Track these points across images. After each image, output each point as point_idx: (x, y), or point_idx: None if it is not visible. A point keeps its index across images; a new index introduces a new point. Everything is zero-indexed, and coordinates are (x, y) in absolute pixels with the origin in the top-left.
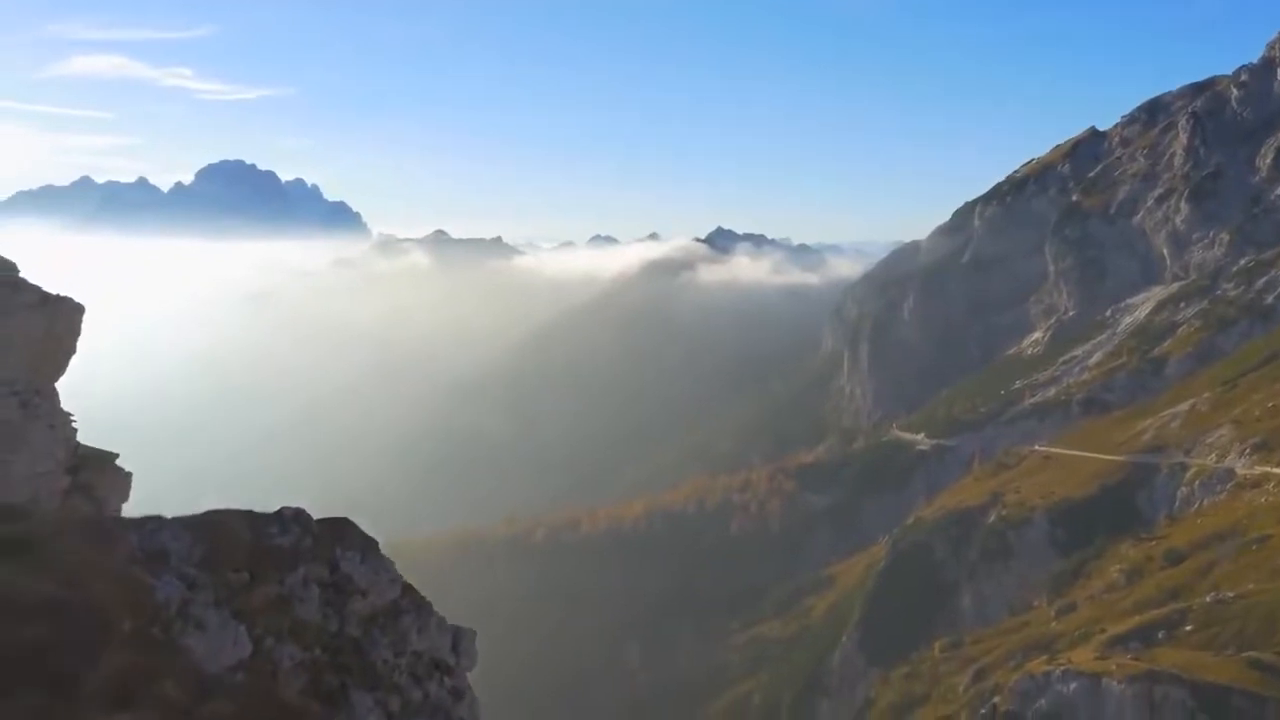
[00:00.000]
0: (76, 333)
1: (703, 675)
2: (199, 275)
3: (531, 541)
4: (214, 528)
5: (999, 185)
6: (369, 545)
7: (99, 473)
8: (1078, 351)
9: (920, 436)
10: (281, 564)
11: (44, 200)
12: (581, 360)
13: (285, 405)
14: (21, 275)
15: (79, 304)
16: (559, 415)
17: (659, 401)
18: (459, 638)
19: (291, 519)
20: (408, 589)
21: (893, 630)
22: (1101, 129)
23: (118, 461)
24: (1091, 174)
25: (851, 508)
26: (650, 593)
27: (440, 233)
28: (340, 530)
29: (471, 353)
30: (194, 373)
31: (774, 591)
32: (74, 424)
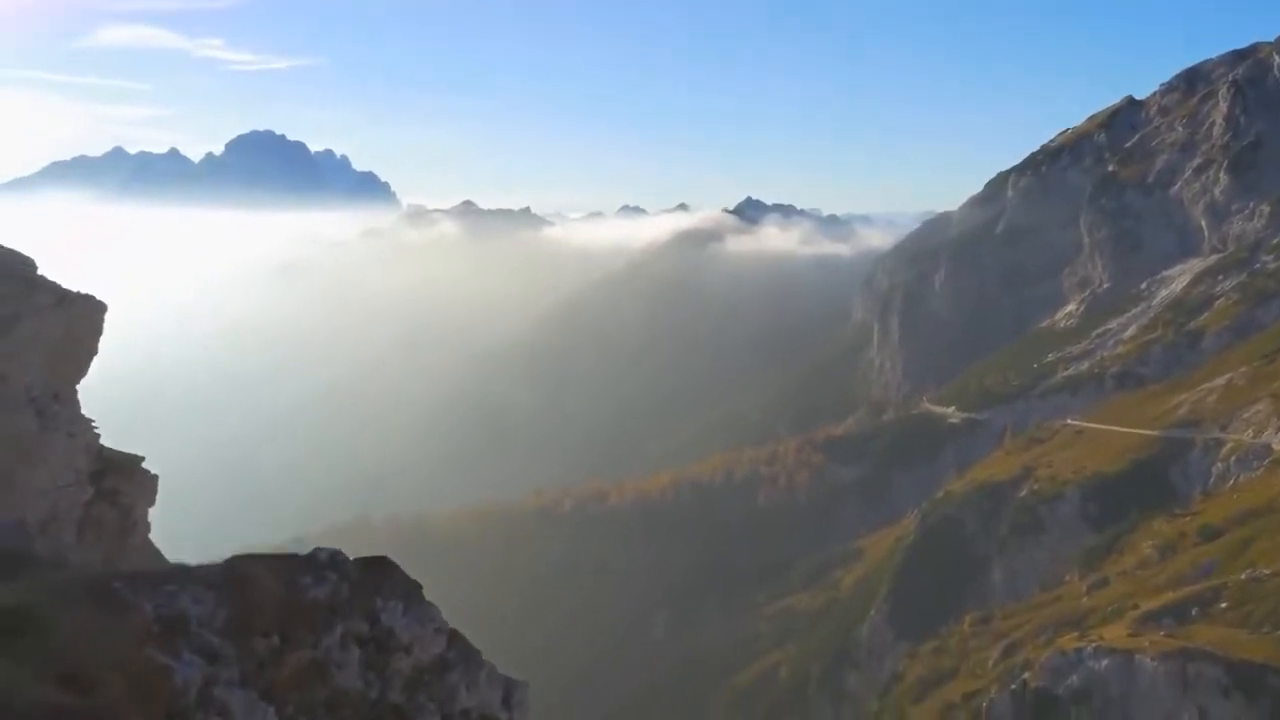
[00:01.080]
0: (98, 332)
1: (730, 647)
2: (229, 246)
3: (559, 513)
4: (241, 583)
5: (1033, 155)
6: (412, 591)
7: (124, 477)
8: (1112, 324)
9: (951, 410)
10: (316, 622)
11: (77, 171)
12: (609, 331)
13: (314, 376)
14: (40, 272)
15: (100, 302)
16: (587, 386)
17: (687, 373)
18: (511, 690)
19: (327, 564)
20: (454, 637)
21: (922, 604)
22: (1139, 98)
23: (143, 464)
24: (1128, 144)
25: (881, 481)
26: (678, 565)
27: (469, 203)
28: (380, 575)
29: (500, 324)
30: (224, 344)
31: (802, 564)
32: (95, 429)
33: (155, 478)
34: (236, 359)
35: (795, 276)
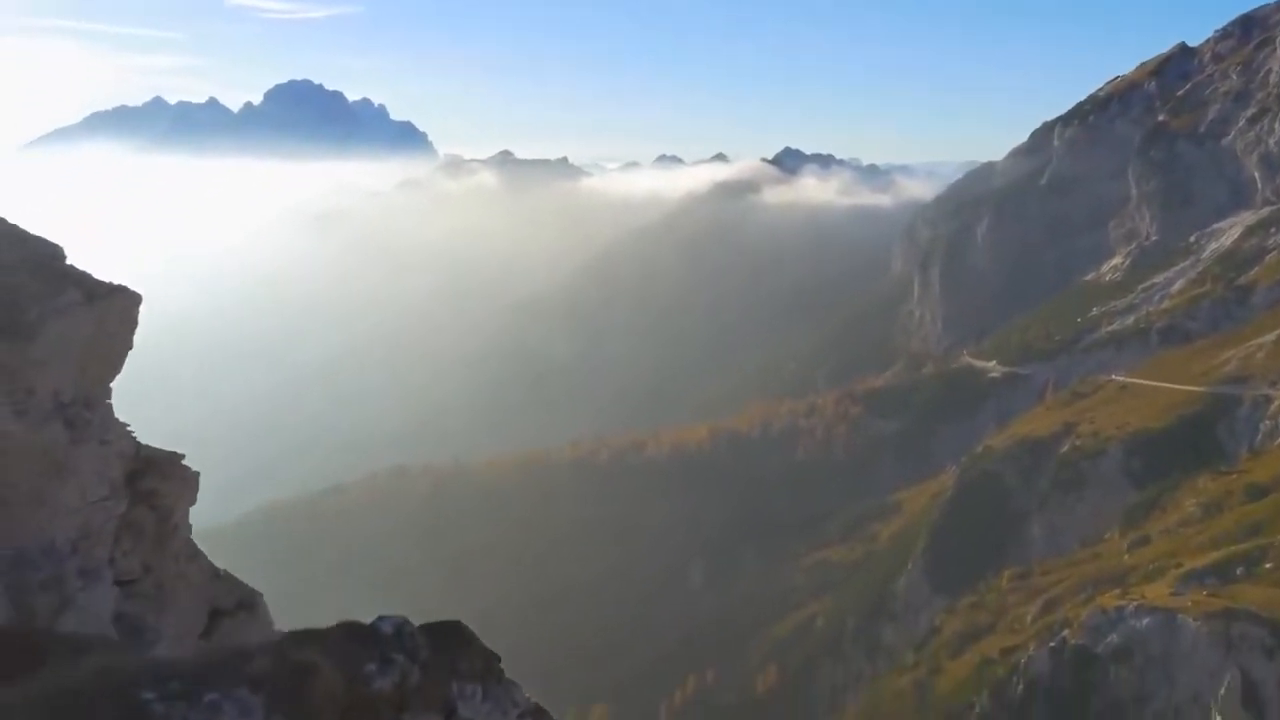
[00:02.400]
0: (132, 326)
1: (766, 598)
2: (267, 196)
3: (596, 464)
4: (294, 680)
5: (1080, 105)
6: (489, 667)
7: (162, 478)
8: (1159, 278)
9: (992, 364)
10: None
11: (118, 121)
12: (647, 282)
13: (352, 326)
14: (69, 262)
15: (134, 293)
16: (624, 337)
17: (724, 324)
18: None
19: (392, 641)
20: (538, 715)
21: (959, 558)
22: (1191, 45)
23: (183, 460)
24: (1180, 93)
25: (920, 435)
26: (714, 516)
27: (506, 153)
28: (454, 651)
29: (537, 274)
30: (262, 294)
31: (839, 517)
32: (130, 431)
33: (196, 475)
34: (274, 309)
35: (834, 227)
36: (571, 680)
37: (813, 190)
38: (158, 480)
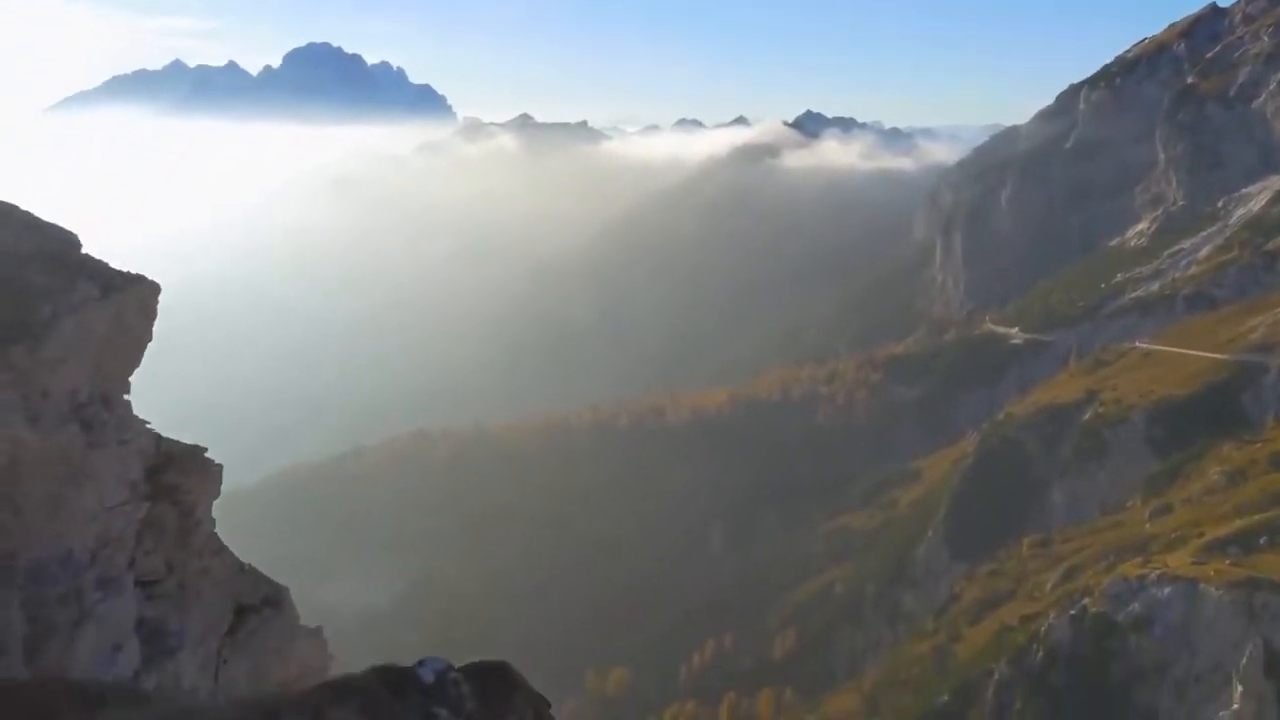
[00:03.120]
0: (151, 318)
1: (786, 564)
2: (286, 160)
3: (616, 428)
4: None
5: (1107, 67)
6: (540, 714)
7: (184, 472)
8: (1185, 244)
9: (1014, 330)
10: None
11: (138, 85)
12: (667, 246)
13: (371, 291)
14: (85, 251)
15: (152, 283)
16: (643, 302)
17: (744, 289)
18: None
19: (434, 692)
20: None
21: (979, 526)
22: (1222, 5)
23: (205, 453)
24: (1209, 55)
25: (941, 401)
26: (734, 482)
27: (525, 116)
28: (501, 697)
29: (556, 238)
30: (282, 258)
31: (859, 483)
32: (149, 426)
33: (219, 468)
34: (293, 273)
35: (855, 191)
36: (590, 643)
37: (834, 154)
38: (179, 475)
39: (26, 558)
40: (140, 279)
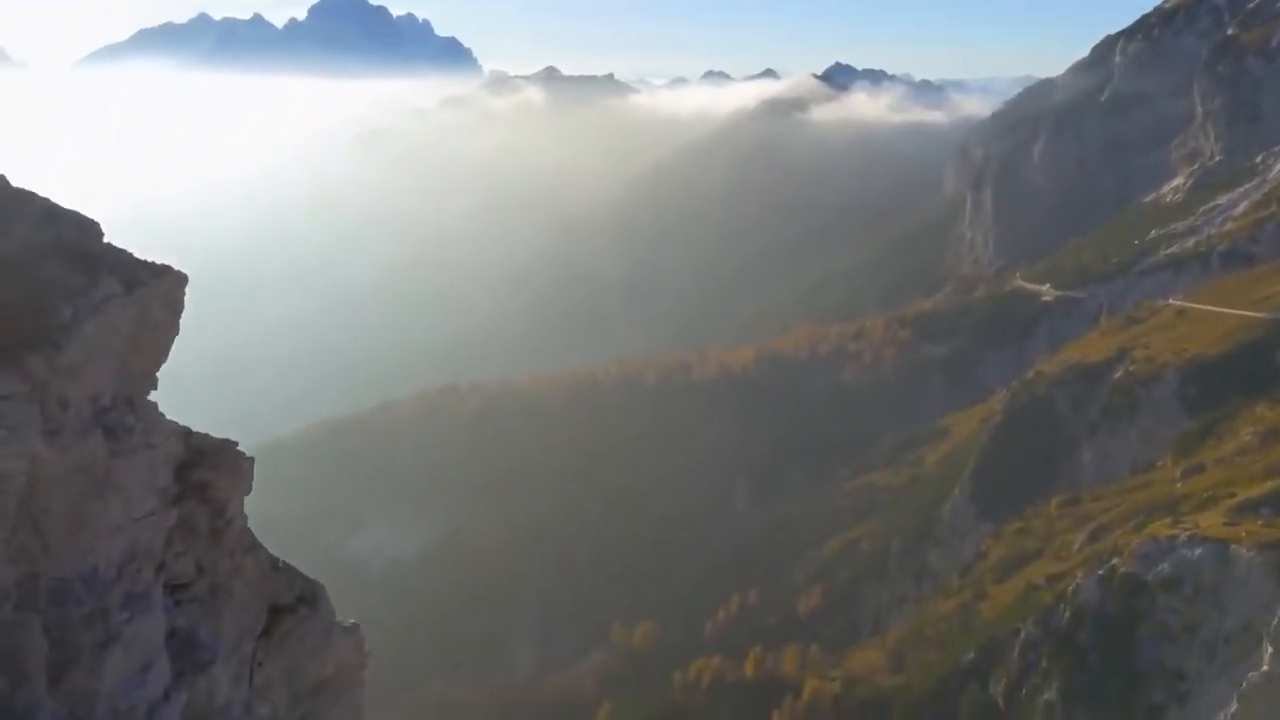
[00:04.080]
0: (178, 311)
1: (811, 520)
2: (311, 114)
3: (643, 384)
4: None
5: (1145, 18)
6: None
7: (214, 469)
8: (1222, 200)
9: (1045, 287)
10: None
11: (164, 38)
12: (694, 201)
13: (397, 245)
14: (106, 240)
15: (179, 274)
16: (670, 257)
17: (772, 243)
18: None
19: None
20: None
21: (1007, 484)
22: None
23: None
24: (1250, 5)
25: (969, 359)
26: (760, 438)
27: (552, 69)
28: None
29: (583, 192)
30: (307, 212)
31: (886, 441)
32: (177, 426)
33: (250, 461)
34: (319, 228)
35: (885, 145)
36: (617, 597)
37: (863, 107)
38: (210, 472)
39: (48, 577)
40: (166, 270)
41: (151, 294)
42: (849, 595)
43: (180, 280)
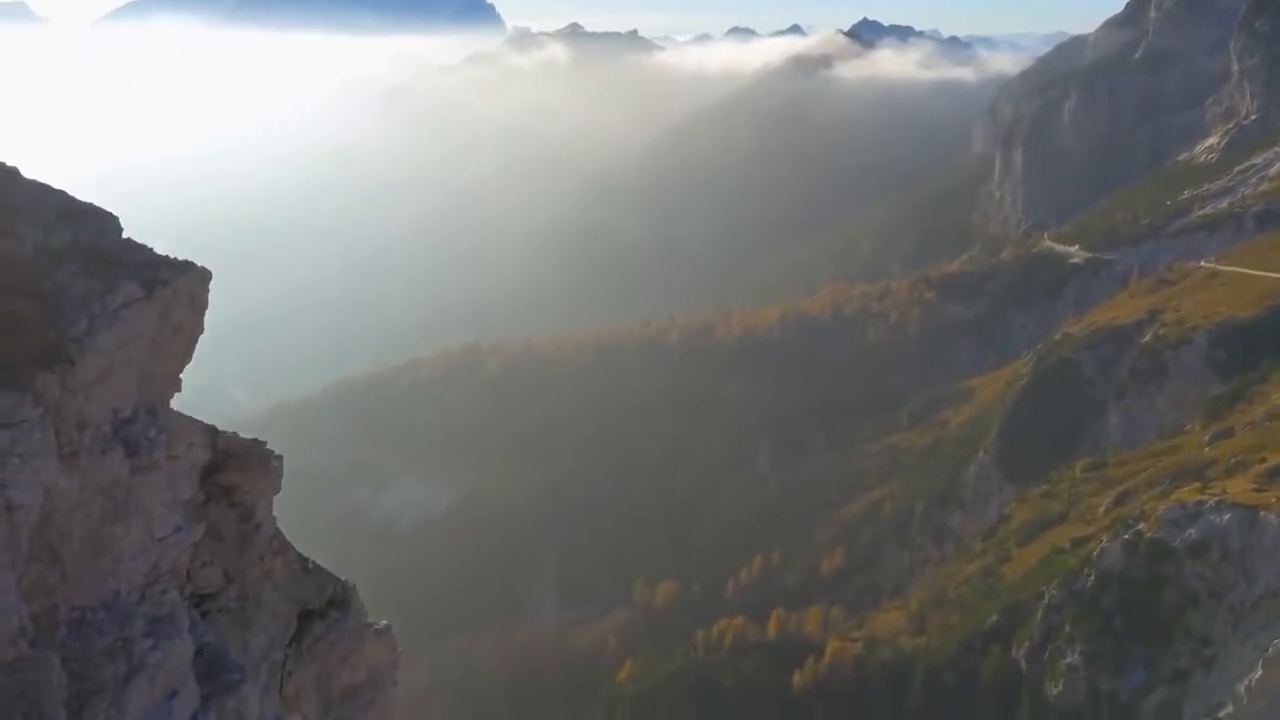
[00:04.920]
0: (201, 309)
1: (834, 481)
2: (334, 71)
3: (666, 345)
4: None
5: None
6: None
7: (243, 470)
8: (1257, 160)
9: (1074, 249)
10: None
11: None
12: (718, 159)
13: (419, 203)
14: (126, 236)
15: (202, 270)
16: (694, 216)
17: (797, 202)
18: None
19: None
20: None
21: (1032, 447)
22: None
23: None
24: None
25: (995, 321)
26: (783, 399)
27: (575, 26)
28: None
29: (607, 151)
30: (329, 170)
31: (910, 402)
32: (201, 427)
33: (280, 461)
34: (341, 186)
35: (912, 103)
36: (638, 557)
37: (890, 64)
38: (237, 474)
39: (67, 606)
40: (189, 267)
41: (173, 295)
42: (871, 557)
43: (203, 277)
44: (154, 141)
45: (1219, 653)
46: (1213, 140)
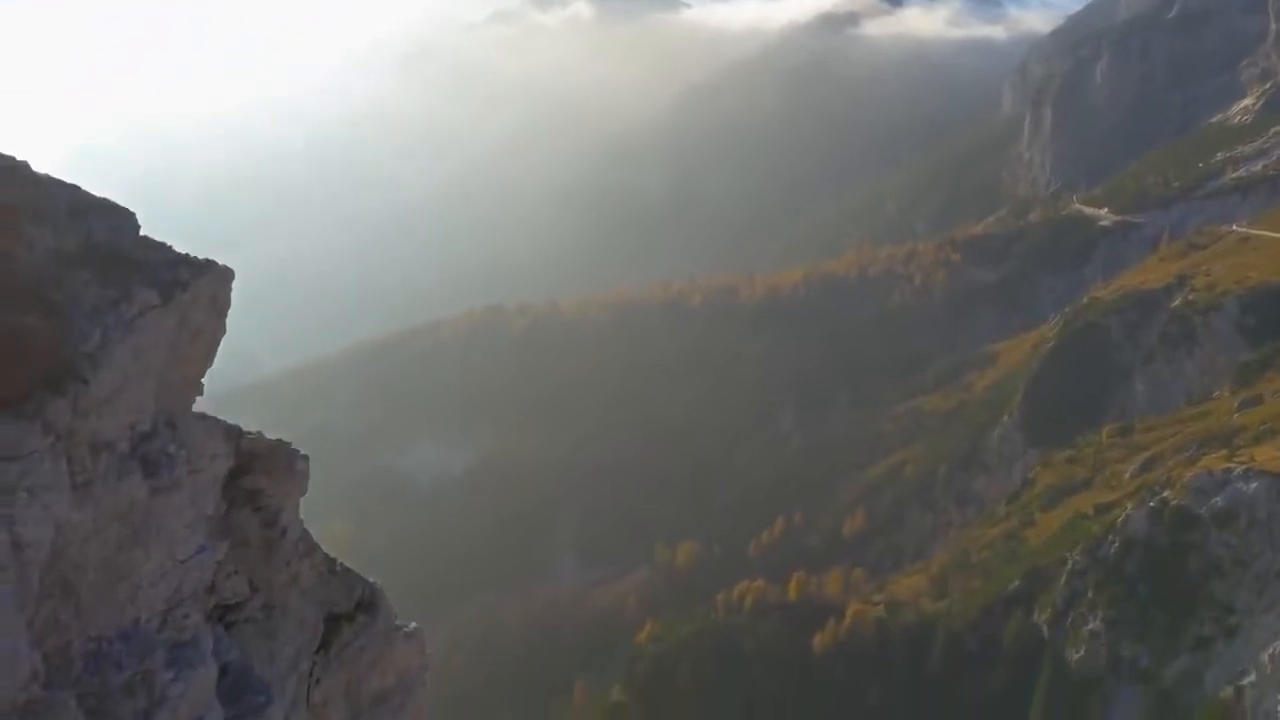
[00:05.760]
0: (224, 310)
1: (856, 443)
2: (356, 29)
3: (689, 305)
4: None
5: None
6: None
7: (268, 473)
8: None
9: (1103, 211)
10: None
11: None
12: (743, 117)
13: (441, 163)
14: (143, 233)
15: (224, 269)
16: (718, 176)
17: (822, 162)
18: None
19: None
20: None
21: (1057, 412)
22: None
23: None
24: None
25: (1021, 284)
26: (807, 360)
27: None
28: None
29: (631, 110)
30: (350, 128)
31: (934, 365)
32: (222, 431)
33: (306, 461)
34: (364, 143)
35: (941, 62)
36: (659, 518)
37: (919, 21)
38: (262, 477)
39: (83, 638)
40: (209, 268)
41: (192, 298)
42: (893, 520)
43: (224, 276)
44: (174, 102)
45: (1243, 621)
46: (1248, 101)
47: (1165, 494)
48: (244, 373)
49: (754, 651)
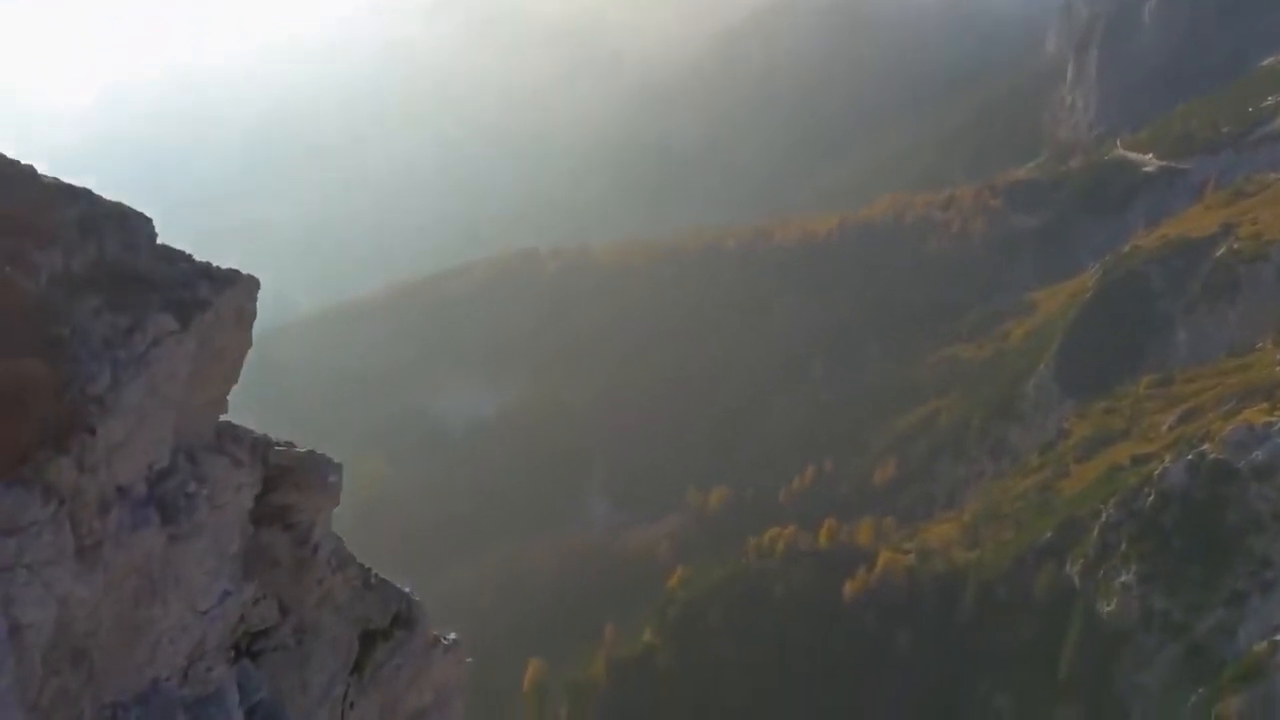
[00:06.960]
0: (249, 323)
1: (890, 391)
2: None
3: (722, 251)
4: None
5: None
6: None
7: (299, 487)
8: None
9: (1148, 157)
10: None
11: None
12: (775, 61)
13: (470, 108)
14: (159, 241)
15: (248, 280)
16: (752, 120)
17: (859, 106)
18: None
19: None
20: None
21: (1095, 362)
22: None
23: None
24: None
25: (1061, 231)
26: (842, 307)
27: None
28: None
29: (661, 54)
30: (375, 73)
31: (971, 313)
32: (249, 441)
33: (339, 472)
34: (392, 87)
35: (980, 3)
36: (692, 463)
37: None
38: (293, 492)
39: (95, 707)
40: (232, 280)
41: (215, 318)
42: (925, 468)
43: (249, 288)
44: (204, 47)
45: (1279, 576)
46: None
47: (1204, 448)
48: (279, 314)
49: (785, 597)
